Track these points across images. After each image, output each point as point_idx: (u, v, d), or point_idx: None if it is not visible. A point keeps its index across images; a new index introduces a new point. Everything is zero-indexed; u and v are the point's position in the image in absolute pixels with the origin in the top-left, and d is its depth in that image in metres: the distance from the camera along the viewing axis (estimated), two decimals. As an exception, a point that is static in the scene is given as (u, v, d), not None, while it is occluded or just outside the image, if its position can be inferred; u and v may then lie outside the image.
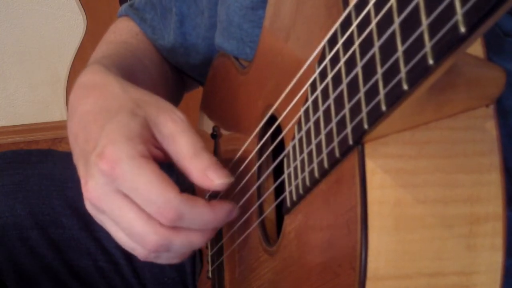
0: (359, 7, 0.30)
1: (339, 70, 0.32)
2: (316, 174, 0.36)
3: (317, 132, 0.35)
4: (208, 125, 0.66)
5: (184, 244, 0.43)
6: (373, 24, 0.28)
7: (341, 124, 0.32)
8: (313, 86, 0.36)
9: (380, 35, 0.27)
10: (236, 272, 0.54)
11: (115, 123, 0.43)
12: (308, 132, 0.37)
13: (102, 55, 0.60)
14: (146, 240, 0.42)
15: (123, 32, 0.70)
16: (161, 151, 0.44)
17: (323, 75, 0.34)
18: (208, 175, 0.43)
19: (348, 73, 0.31)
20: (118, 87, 0.48)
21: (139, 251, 0.44)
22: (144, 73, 0.65)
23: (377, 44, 0.28)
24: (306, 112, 0.37)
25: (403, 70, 0.26)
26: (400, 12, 0.26)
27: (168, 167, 0.44)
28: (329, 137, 0.34)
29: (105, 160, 0.41)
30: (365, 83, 0.29)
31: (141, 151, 0.41)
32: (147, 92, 0.48)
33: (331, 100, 0.33)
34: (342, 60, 0.32)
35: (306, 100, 0.37)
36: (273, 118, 0.45)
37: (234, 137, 0.56)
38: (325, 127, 0.34)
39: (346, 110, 0.31)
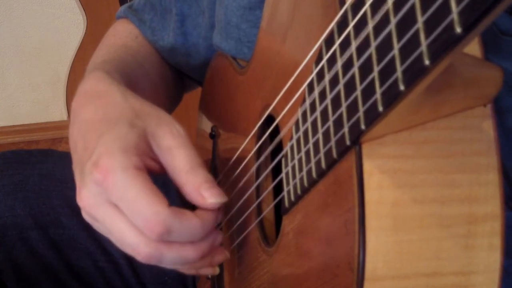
0: (355, 7, 0.30)
1: (336, 70, 0.32)
2: (314, 174, 0.35)
3: (315, 133, 0.35)
4: (207, 125, 0.66)
5: (176, 259, 0.42)
6: (369, 24, 0.28)
7: (338, 125, 0.32)
8: (311, 86, 0.36)
9: (376, 35, 0.27)
10: (235, 272, 0.54)
11: (113, 133, 0.43)
12: (305, 133, 0.37)
13: (103, 60, 0.60)
14: (137, 251, 0.42)
15: (122, 35, 0.70)
16: (158, 163, 0.44)
17: (320, 75, 0.34)
18: (202, 192, 0.43)
19: (345, 73, 0.31)
20: (119, 96, 0.48)
21: (137, 258, 0.44)
22: (144, 77, 0.65)
23: (373, 44, 0.28)
24: (304, 112, 0.37)
25: (399, 70, 0.26)
26: (396, 12, 0.26)
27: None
28: (326, 137, 0.34)
29: (99, 169, 0.41)
30: (361, 83, 0.29)
31: (135, 163, 0.41)
32: (149, 103, 0.48)
33: (328, 100, 0.33)
34: (339, 60, 0.31)
35: (304, 100, 0.37)
36: (271, 118, 0.45)
37: (233, 137, 0.56)
38: (322, 127, 0.34)
39: (343, 111, 0.31)
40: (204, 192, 0.43)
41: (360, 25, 0.29)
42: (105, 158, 0.41)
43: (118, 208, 0.41)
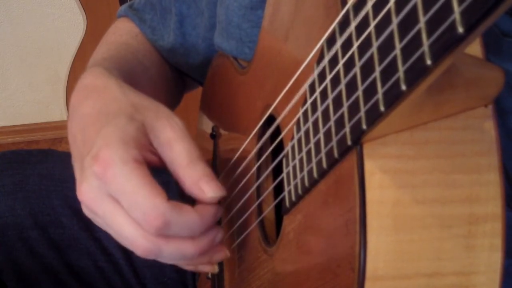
0: (357, 7, 0.30)
1: (338, 70, 0.32)
2: (315, 174, 0.36)
3: (316, 133, 0.35)
4: (207, 125, 0.66)
5: (174, 253, 0.42)
6: (371, 24, 0.28)
7: (340, 125, 0.32)
8: (312, 86, 0.36)
9: (378, 35, 0.27)
10: (235, 272, 0.54)
11: (112, 126, 0.43)
12: (307, 133, 0.37)
13: (103, 57, 0.60)
14: (136, 244, 0.42)
15: (123, 33, 0.70)
16: (157, 157, 0.44)
17: (321, 75, 0.34)
18: (201, 186, 0.43)
19: (346, 73, 0.31)
20: (118, 90, 0.48)
21: (135, 251, 0.44)
22: (144, 75, 0.65)
23: (375, 44, 0.28)
24: (305, 112, 0.37)
25: (401, 70, 0.26)
26: (398, 11, 0.26)
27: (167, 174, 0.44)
28: (327, 137, 0.34)
29: (98, 162, 0.41)
30: (363, 83, 0.29)
31: (134, 156, 0.41)
32: (147, 97, 0.48)
33: (329, 101, 0.33)
34: (341, 61, 0.32)
35: (305, 100, 0.37)
36: (272, 118, 0.45)
37: (234, 137, 0.56)
38: (324, 127, 0.34)
39: (345, 110, 0.31)
40: (203, 186, 0.43)
41: (362, 25, 0.29)
42: (105, 151, 0.41)
43: (117, 202, 0.41)
